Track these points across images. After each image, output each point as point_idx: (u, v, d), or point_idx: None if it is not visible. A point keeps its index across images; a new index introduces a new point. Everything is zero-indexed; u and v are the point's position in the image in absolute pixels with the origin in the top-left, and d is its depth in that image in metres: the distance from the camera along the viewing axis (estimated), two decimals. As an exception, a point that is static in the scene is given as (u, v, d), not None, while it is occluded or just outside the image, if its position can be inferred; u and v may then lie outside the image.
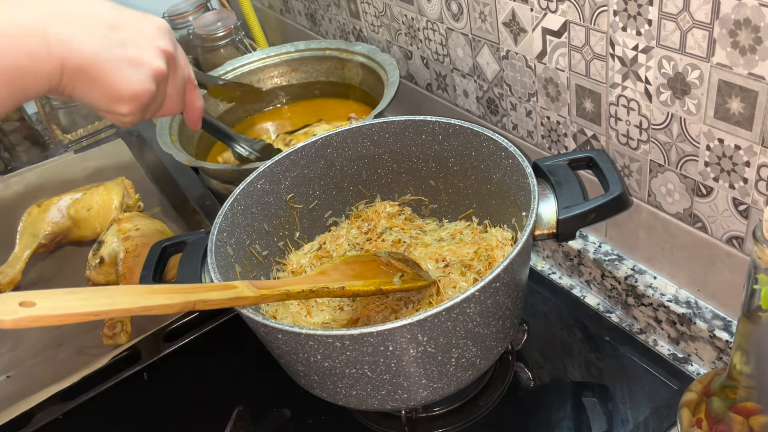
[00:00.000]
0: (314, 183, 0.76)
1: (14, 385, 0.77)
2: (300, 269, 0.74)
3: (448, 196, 0.76)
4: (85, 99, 0.56)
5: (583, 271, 0.79)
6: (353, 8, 1.02)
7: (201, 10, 1.30)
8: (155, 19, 0.60)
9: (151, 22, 0.59)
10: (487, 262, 0.68)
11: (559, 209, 0.61)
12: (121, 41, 0.55)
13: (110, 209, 0.94)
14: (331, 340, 0.52)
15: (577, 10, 0.63)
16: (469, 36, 0.80)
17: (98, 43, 0.54)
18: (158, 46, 0.58)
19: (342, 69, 1.05)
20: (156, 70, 0.57)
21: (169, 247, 0.69)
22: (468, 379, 0.60)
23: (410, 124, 0.73)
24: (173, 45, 0.60)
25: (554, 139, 0.76)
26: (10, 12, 0.51)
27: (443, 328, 0.53)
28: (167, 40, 0.59)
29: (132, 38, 0.56)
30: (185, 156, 0.89)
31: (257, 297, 0.53)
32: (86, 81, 0.55)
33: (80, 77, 0.54)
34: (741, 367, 0.49)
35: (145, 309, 0.47)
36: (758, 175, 0.56)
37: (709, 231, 0.63)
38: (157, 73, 0.58)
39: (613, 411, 0.67)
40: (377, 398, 0.58)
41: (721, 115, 0.56)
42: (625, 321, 0.76)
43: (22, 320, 0.41)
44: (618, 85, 0.64)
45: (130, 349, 0.75)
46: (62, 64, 0.53)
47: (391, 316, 0.65)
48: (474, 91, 0.85)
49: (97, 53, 0.54)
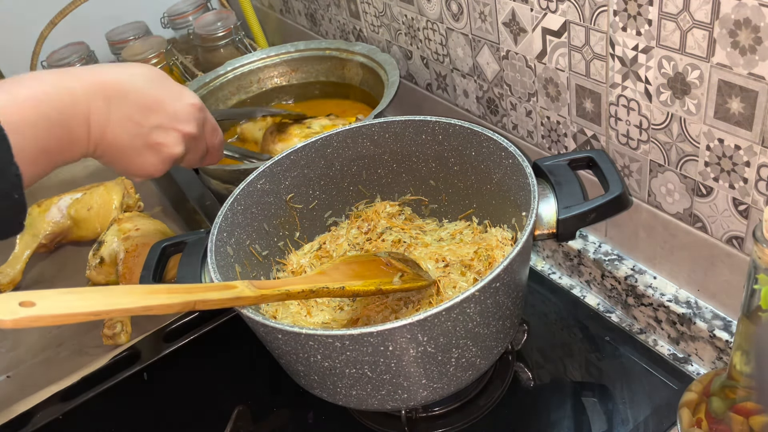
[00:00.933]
0: (314, 183, 0.76)
1: (14, 385, 0.77)
2: (300, 269, 0.74)
3: (448, 196, 0.76)
4: (111, 167, 0.64)
5: (583, 271, 0.79)
6: (353, 8, 1.02)
7: (201, 10, 1.30)
8: (189, 98, 0.64)
9: (185, 103, 0.63)
10: (487, 262, 0.68)
11: (559, 209, 0.61)
12: (150, 128, 0.61)
13: (110, 209, 0.94)
14: (331, 340, 0.52)
15: (577, 10, 0.63)
16: (469, 36, 0.80)
17: (130, 133, 0.60)
18: (183, 131, 0.63)
19: (342, 69, 1.05)
20: (173, 157, 0.63)
21: (169, 247, 0.69)
22: (468, 379, 0.60)
23: (410, 124, 0.73)
24: (199, 126, 0.65)
25: (554, 139, 0.76)
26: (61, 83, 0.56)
27: (443, 328, 0.53)
28: (193, 124, 0.64)
29: (162, 123, 0.62)
30: (185, 156, 0.89)
31: (257, 297, 0.53)
32: (111, 158, 0.62)
33: (107, 156, 0.61)
34: (741, 367, 0.49)
35: (145, 309, 0.47)
36: (758, 175, 0.56)
37: (709, 231, 0.63)
38: (173, 158, 0.64)
39: (613, 411, 0.67)
40: (377, 398, 0.58)
41: (721, 115, 0.56)
42: (625, 321, 0.76)
43: (22, 320, 0.41)
44: (618, 85, 0.64)
45: (130, 349, 0.75)
46: (96, 146, 0.60)
47: (391, 316, 0.65)
48: (474, 91, 0.85)
49: (126, 143, 0.60)
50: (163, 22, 1.31)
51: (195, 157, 0.68)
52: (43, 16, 1.21)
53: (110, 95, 0.59)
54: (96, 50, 1.27)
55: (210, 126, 0.68)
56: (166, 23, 1.31)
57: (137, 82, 0.60)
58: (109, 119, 0.59)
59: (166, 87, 0.63)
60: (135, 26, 1.30)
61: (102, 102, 0.58)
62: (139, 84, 0.61)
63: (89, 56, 1.25)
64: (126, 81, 0.60)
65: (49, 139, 0.55)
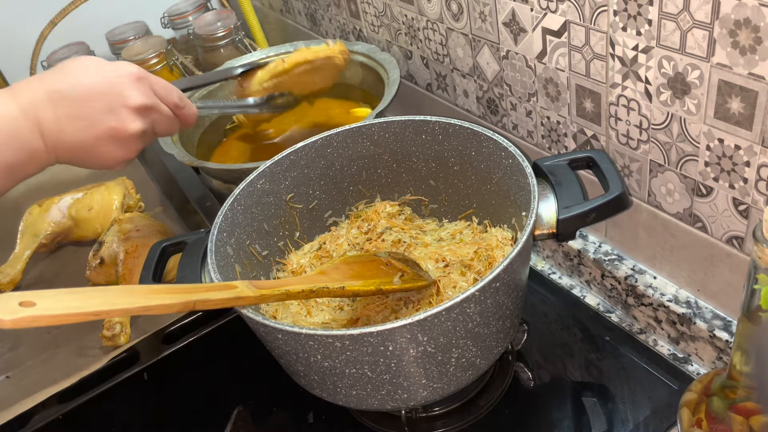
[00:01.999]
0: (314, 183, 0.76)
1: (13, 386, 0.77)
2: (300, 269, 0.74)
3: (448, 196, 0.76)
4: (81, 167, 0.65)
5: (583, 271, 0.79)
6: (353, 8, 1.02)
7: (201, 10, 1.30)
8: (125, 69, 0.64)
9: (122, 77, 0.63)
10: (487, 262, 0.68)
11: (559, 209, 0.61)
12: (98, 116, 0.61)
13: (111, 209, 0.94)
14: (331, 340, 0.52)
15: (577, 10, 0.63)
16: (469, 36, 0.80)
17: (81, 129, 0.61)
18: (131, 104, 0.63)
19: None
20: (133, 135, 0.63)
21: (169, 247, 0.69)
22: (468, 379, 0.60)
23: (410, 124, 0.73)
24: (146, 94, 0.64)
25: (554, 139, 0.76)
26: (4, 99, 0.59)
27: (443, 328, 0.53)
28: (137, 93, 0.63)
29: (107, 106, 0.62)
30: (186, 156, 0.89)
31: (257, 297, 0.53)
32: (78, 159, 0.63)
33: (72, 158, 0.63)
34: (741, 367, 0.49)
35: (145, 309, 0.47)
36: (758, 175, 0.56)
37: (709, 231, 0.63)
38: (135, 137, 0.64)
39: (613, 411, 0.67)
40: (377, 398, 0.58)
41: (721, 115, 0.56)
42: (625, 321, 0.76)
43: (22, 320, 0.41)
44: (618, 85, 0.64)
45: (129, 351, 0.75)
46: (56, 153, 0.61)
47: (391, 316, 0.65)
48: (474, 91, 0.85)
49: (83, 139, 0.62)
50: (163, 22, 1.31)
51: (163, 123, 0.67)
52: (43, 16, 1.21)
53: (53, 99, 0.60)
54: (96, 50, 1.28)
55: (161, 87, 0.67)
56: (166, 23, 1.31)
57: (72, 78, 0.61)
58: (58, 123, 0.60)
59: (101, 71, 0.63)
60: (135, 26, 1.30)
61: (46, 108, 0.60)
62: (75, 79, 0.61)
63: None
64: (61, 81, 0.61)
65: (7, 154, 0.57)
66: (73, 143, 0.61)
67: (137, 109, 0.63)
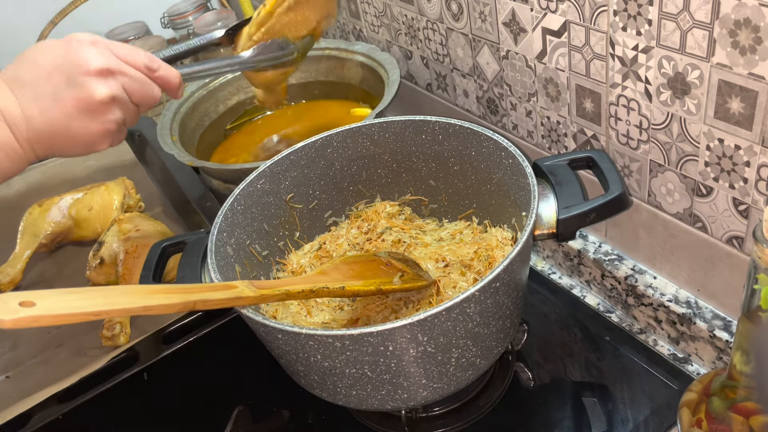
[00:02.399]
0: (314, 183, 0.76)
1: (13, 386, 0.77)
2: (300, 269, 0.74)
3: (448, 196, 0.76)
4: (67, 156, 0.62)
5: (583, 271, 0.79)
6: (353, 8, 1.02)
7: (201, 10, 1.30)
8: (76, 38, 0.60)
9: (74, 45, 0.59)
10: (487, 262, 0.68)
11: (559, 209, 0.61)
12: (61, 91, 0.58)
13: (111, 209, 0.94)
14: (331, 340, 0.52)
15: (577, 10, 0.63)
16: (469, 36, 0.80)
17: (48, 107, 0.58)
18: (91, 69, 0.58)
19: (341, 68, 1.05)
20: (102, 99, 0.59)
21: (169, 247, 0.69)
22: (468, 379, 0.60)
23: (410, 124, 0.73)
24: (105, 55, 0.60)
25: (554, 139, 0.76)
26: None
27: (443, 328, 0.53)
28: (96, 57, 0.59)
29: (67, 78, 0.58)
30: (186, 156, 0.89)
31: (257, 297, 0.53)
32: (56, 146, 0.60)
33: (50, 146, 0.59)
34: (741, 367, 0.49)
35: (145, 309, 0.47)
36: (758, 175, 0.56)
37: (709, 231, 0.63)
38: (104, 101, 0.59)
39: (613, 411, 0.67)
40: (377, 398, 0.58)
41: (721, 115, 0.56)
42: (625, 321, 0.76)
43: (22, 320, 0.41)
44: (618, 85, 0.64)
45: (129, 351, 0.75)
46: (30, 144, 0.58)
47: (391, 316, 0.65)
48: (474, 91, 0.85)
49: (51, 118, 0.58)
50: (163, 22, 1.31)
51: (137, 88, 0.62)
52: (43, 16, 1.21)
53: (11, 86, 0.58)
54: (96, 50, 1.27)
55: (122, 48, 0.62)
56: (166, 23, 1.31)
57: (28, 61, 0.59)
58: (22, 109, 0.57)
59: (52, 46, 0.60)
60: (135, 26, 1.30)
61: (6, 97, 0.57)
62: (31, 61, 0.59)
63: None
64: (16, 67, 0.59)
65: None
66: (44, 128, 0.58)
67: (98, 72, 0.58)
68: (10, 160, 0.58)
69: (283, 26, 0.79)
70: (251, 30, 0.79)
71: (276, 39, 0.80)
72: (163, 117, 0.98)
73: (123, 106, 0.61)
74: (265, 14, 0.78)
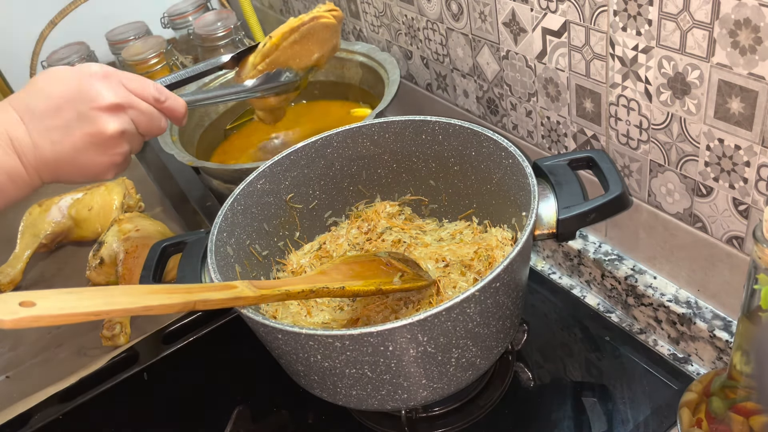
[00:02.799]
0: (314, 183, 0.76)
1: (13, 386, 0.77)
2: (300, 269, 0.74)
3: (448, 196, 0.76)
4: (72, 183, 0.62)
5: (583, 271, 0.79)
6: (353, 8, 1.02)
7: (201, 10, 1.30)
8: (88, 71, 0.60)
9: (86, 79, 0.60)
10: (487, 262, 0.68)
11: (559, 209, 0.61)
12: (71, 124, 0.59)
13: (111, 209, 0.94)
14: (331, 340, 0.52)
15: (577, 10, 0.63)
16: (469, 36, 0.80)
17: (57, 140, 0.58)
18: (102, 105, 0.59)
19: (341, 68, 1.05)
20: (113, 138, 0.60)
21: (169, 247, 0.69)
22: (468, 379, 0.60)
23: (410, 124, 0.73)
24: (116, 90, 0.60)
25: (554, 139, 0.76)
26: None
27: (443, 328, 0.53)
28: (107, 92, 0.60)
29: (77, 112, 0.59)
30: (187, 156, 0.89)
31: (257, 297, 0.53)
32: (63, 175, 0.60)
33: (57, 175, 0.60)
34: (741, 367, 0.49)
35: (145, 309, 0.47)
36: (758, 175, 0.56)
37: (709, 231, 0.63)
38: (115, 139, 0.60)
39: (613, 411, 0.67)
40: (377, 398, 0.58)
41: (721, 115, 0.56)
42: (625, 321, 0.76)
43: (23, 320, 0.41)
44: (618, 85, 0.64)
45: (129, 351, 0.75)
46: (38, 173, 0.59)
47: (391, 316, 0.65)
48: (474, 91, 0.85)
49: (61, 151, 0.59)
50: (163, 22, 1.31)
51: (145, 121, 0.63)
52: (43, 16, 1.21)
53: (22, 116, 0.58)
54: (96, 50, 1.27)
55: (134, 82, 0.63)
56: (166, 23, 1.31)
57: (38, 92, 0.59)
58: (32, 139, 0.58)
59: (64, 78, 0.60)
60: (135, 26, 1.30)
61: (17, 127, 0.58)
62: (41, 92, 0.59)
63: (89, 56, 1.25)
64: (27, 97, 0.59)
65: None
66: (52, 158, 0.59)
67: (110, 108, 0.59)
68: (15, 186, 0.59)
69: (287, 58, 0.81)
70: (256, 59, 0.81)
71: (280, 69, 0.82)
72: None
73: (131, 139, 0.63)
74: (270, 46, 0.80)
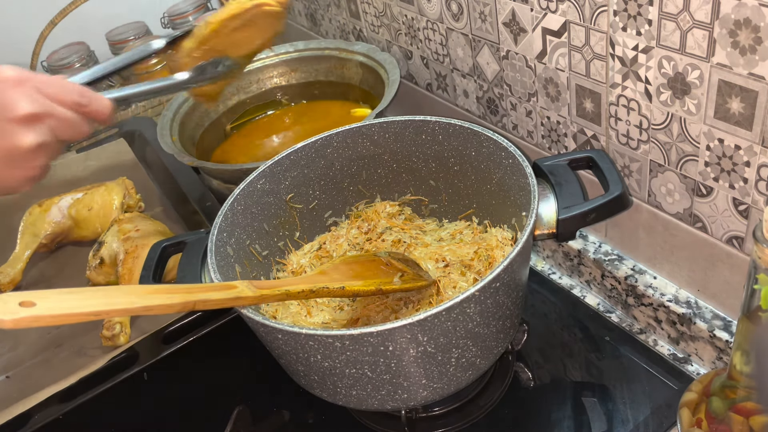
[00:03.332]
0: (314, 183, 0.76)
1: (13, 386, 0.77)
2: (300, 269, 0.74)
3: (448, 196, 0.76)
4: None
5: (583, 271, 0.79)
6: (353, 8, 1.02)
7: (201, 10, 1.30)
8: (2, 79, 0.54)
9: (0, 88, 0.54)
10: (487, 262, 0.68)
11: (559, 209, 0.61)
12: None
13: (111, 209, 0.94)
14: (331, 340, 0.52)
15: (577, 10, 0.63)
16: (469, 36, 0.80)
17: None
18: (16, 116, 0.53)
19: (342, 68, 1.05)
20: (29, 148, 0.55)
21: (169, 247, 0.69)
22: (468, 379, 0.60)
23: (410, 124, 0.73)
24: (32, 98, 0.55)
25: (554, 139, 0.76)
26: None
27: (443, 328, 0.53)
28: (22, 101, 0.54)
29: None
30: (187, 156, 0.89)
31: (257, 297, 0.53)
32: None
33: None
34: (741, 367, 0.49)
35: (145, 309, 0.47)
36: (758, 175, 0.56)
37: (709, 231, 0.63)
38: (31, 149, 0.55)
39: (613, 411, 0.67)
40: (377, 398, 0.58)
41: (721, 115, 0.56)
42: (625, 321, 0.76)
43: (23, 320, 0.41)
44: (618, 85, 0.64)
45: (129, 351, 0.75)
46: None
47: (391, 316, 0.65)
48: (474, 91, 0.85)
49: None
50: (163, 22, 1.31)
51: (66, 128, 0.57)
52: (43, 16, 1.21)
53: None
54: (96, 50, 1.28)
55: (52, 86, 0.56)
56: (166, 23, 1.31)
57: None
58: None
59: None
60: (135, 26, 1.30)
61: None
62: None
63: (89, 56, 1.25)
64: None
65: None
66: None
67: (25, 119, 0.53)
68: None
69: (226, 46, 0.75)
70: (191, 45, 0.75)
71: (216, 57, 0.76)
72: (163, 117, 0.98)
73: (49, 150, 0.57)
74: (208, 33, 0.74)
